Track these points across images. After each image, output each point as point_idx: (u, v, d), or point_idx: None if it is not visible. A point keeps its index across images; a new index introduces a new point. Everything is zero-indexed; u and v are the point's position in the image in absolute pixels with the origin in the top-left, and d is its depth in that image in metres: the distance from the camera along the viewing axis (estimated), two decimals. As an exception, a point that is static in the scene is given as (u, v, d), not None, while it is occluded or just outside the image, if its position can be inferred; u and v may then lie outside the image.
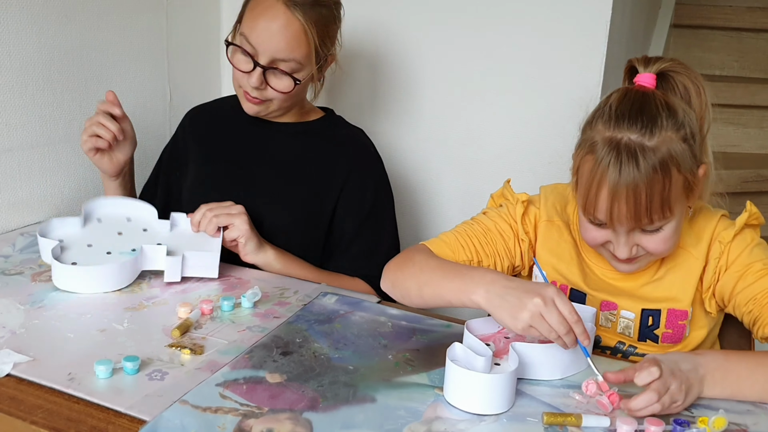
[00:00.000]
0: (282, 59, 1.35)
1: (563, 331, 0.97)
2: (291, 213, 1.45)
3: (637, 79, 1.11)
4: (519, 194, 1.26)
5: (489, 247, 1.23)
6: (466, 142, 1.85)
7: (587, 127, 1.11)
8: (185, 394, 0.93)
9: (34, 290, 1.22)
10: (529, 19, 1.72)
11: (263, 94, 1.40)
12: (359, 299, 1.26)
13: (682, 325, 1.16)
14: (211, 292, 1.26)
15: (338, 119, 1.58)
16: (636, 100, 1.06)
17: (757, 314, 1.09)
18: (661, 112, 1.05)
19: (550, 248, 1.24)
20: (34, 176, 1.55)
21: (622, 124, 1.04)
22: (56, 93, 1.57)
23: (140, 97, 1.79)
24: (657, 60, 1.12)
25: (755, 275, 1.11)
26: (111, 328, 1.11)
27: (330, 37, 1.41)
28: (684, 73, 1.11)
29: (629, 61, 1.15)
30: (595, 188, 1.06)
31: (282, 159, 1.49)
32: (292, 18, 1.33)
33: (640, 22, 2.24)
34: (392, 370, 1.03)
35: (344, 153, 1.50)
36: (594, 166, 1.06)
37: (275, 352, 1.06)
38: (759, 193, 2.38)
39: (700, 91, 1.11)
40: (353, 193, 1.47)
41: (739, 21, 2.68)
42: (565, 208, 1.26)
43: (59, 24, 1.54)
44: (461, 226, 1.26)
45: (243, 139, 1.52)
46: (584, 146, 1.09)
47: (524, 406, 0.96)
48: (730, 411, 0.96)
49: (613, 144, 1.04)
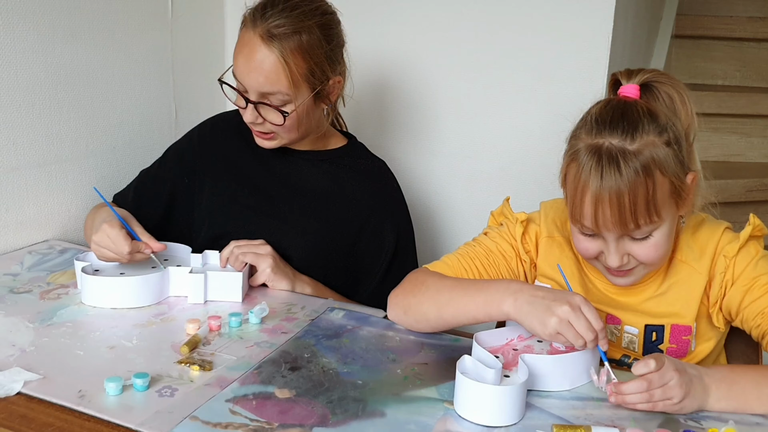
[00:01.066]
0: (268, 93, 1.33)
1: (590, 337, 1.00)
2: (307, 242, 1.43)
3: (621, 91, 1.12)
4: (518, 213, 1.27)
5: (492, 268, 1.24)
6: (471, 155, 1.86)
7: (572, 138, 1.11)
8: (195, 410, 0.93)
9: (43, 308, 1.22)
10: (531, 33, 1.73)
11: (265, 127, 1.38)
12: (366, 314, 1.27)
13: (686, 341, 1.16)
14: (219, 308, 1.26)
15: (360, 148, 1.56)
16: (617, 108, 1.07)
17: (765, 328, 1.09)
18: (642, 117, 1.05)
19: (551, 264, 1.24)
20: (42, 195, 1.56)
21: (604, 131, 1.05)
22: (63, 111, 1.58)
23: (146, 114, 1.80)
24: (639, 71, 1.13)
25: (762, 289, 1.10)
26: (120, 345, 1.11)
27: (321, 61, 1.35)
28: (668, 83, 1.12)
29: (613, 74, 1.16)
30: (579, 195, 1.06)
31: (302, 187, 1.47)
32: (267, 52, 1.30)
33: (641, 34, 2.25)
34: (401, 385, 1.03)
35: (365, 189, 1.48)
36: (577, 173, 1.06)
37: (284, 368, 1.06)
38: (764, 202, 2.38)
39: (685, 100, 1.12)
40: (373, 234, 1.46)
41: (740, 31, 2.69)
42: (565, 223, 1.25)
43: (65, 43, 1.56)
44: (463, 247, 1.27)
45: (265, 162, 1.49)
46: (568, 155, 1.10)
47: (534, 418, 0.97)
48: (740, 423, 0.96)
49: (595, 150, 1.05)
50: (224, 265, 1.35)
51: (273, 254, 1.36)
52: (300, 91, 1.34)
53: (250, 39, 1.31)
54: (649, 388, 0.95)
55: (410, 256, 1.52)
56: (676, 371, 0.96)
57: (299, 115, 1.37)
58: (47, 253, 1.49)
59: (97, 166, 1.67)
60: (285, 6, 1.32)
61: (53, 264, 1.43)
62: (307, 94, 1.36)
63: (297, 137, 1.42)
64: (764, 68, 2.73)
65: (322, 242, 1.44)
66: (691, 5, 2.77)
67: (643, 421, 0.96)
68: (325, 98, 1.41)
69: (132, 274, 1.28)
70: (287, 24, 1.30)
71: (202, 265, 1.36)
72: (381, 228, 1.47)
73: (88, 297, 1.25)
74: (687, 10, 2.74)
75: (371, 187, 1.49)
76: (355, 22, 1.55)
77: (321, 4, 1.38)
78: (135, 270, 1.31)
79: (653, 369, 0.94)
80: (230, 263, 1.34)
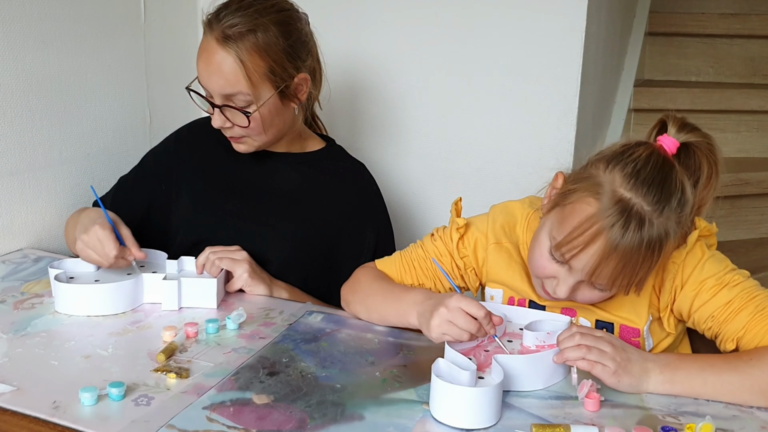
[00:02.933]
0: (230, 94, 1.33)
1: (473, 328, 1.05)
2: (285, 245, 1.43)
3: (661, 140, 1.08)
4: (459, 219, 1.27)
5: (429, 271, 1.28)
6: (448, 156, 1.86)
7: (599, 165, 1.06)
8: (172, 418, 0.93)
9: (16, 318, 1.21)
10: (505, 32, 1.73)
11: (234, 131, 1.38)
12: (345, 317, 1.26)
13: (636, 342, 1.16)
14: (196, 314, 1.25)
15: (339, 150, 1.55)
16: (662, 169, 1.03)
17: (716, 330, 1.11)
18: (676, 193, 1.03)
19: (501, 269, 1.25)
20: (15, 203, 1.54)
21: (641, 189, 1.01)
22: (35, 119, 1.56)
23: (120, 121, 1.78)
24: (692, 130, 1.09)
25: (709, 292, 1.11)
26: (96, 354, 1.10)
27: (280, 59, 1.34)
28: (706, 156, 1.09)
29: (666, 114, 1.12)
30: (586, 238, 1.02)
31: (280, 190, 1.47)
32: (224, 54, 1.30)
33: (615, 32, 2.27)
34: (380, 387, 1.03)
35: (344, 191, 1.47)
36: (594, 216, 1.02)
37: (261, 373, 1.05)
38: (739, 196, 2.40)
39: (711, 178, 1.09)
40: (353, 237, 1.45)
41: (712, 28, 2.71)
42: (514, 228, 1.26)
43: (36, 50, 1.54)
44: (409, 248, 1.32)
45: (242, 165, 1.49)
46: (589, 185, 1.05)
47: (513, 418, 0.97)
48: (717, 417, 0.97)
49: (626, 206, 1.01)
50: (200, 271, 1.34)
51: (249, 260, 1.35)
52: (261, 90, 1.34)
53: (208, 43, 1.33)
54: (582, 342, 1.02)
55: None
56: (611, 344, 1.03)
57: (264, 116, 1.36)
58: (21, 262, 1.47)
59: (71, 174, 1.65)
60: (239, 6, 1.33)
61: (27, 273, 1.41)
62: (270, 93, 1.35)
63: (269, 139, 1.42)
64: (737, 64, 2.76)
65: (302, 245, 1.44)
66: (663, 2, 2.79)
67: (622, 419, 0.97)
68: (292, 97, 1.40)
69: (107, 281, 1.27)
70: (241, 23, 1.30)
71: (178, 272, 1.35)
72: (361, 230, 1.46)
73: (61, 305, 1.23)
74: (660, 7, 2.76)
75: (351, 188, 1.48)
76: (328, 24, 1.55)
77: (277, 1, 1.37)
78: (111, 277, 1.30)
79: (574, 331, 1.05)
80: (206, 269, 1.33)
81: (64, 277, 1.28)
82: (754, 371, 1.02)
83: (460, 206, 1.29)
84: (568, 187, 1.09)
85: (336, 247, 1.46)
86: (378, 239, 1.48)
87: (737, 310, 1.09)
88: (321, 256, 1.45)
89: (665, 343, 1.19)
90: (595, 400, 0.99)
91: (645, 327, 1.16)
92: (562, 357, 1.04)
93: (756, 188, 2.39)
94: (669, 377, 1.03)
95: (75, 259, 1.34)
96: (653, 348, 1.19)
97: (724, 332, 1.10)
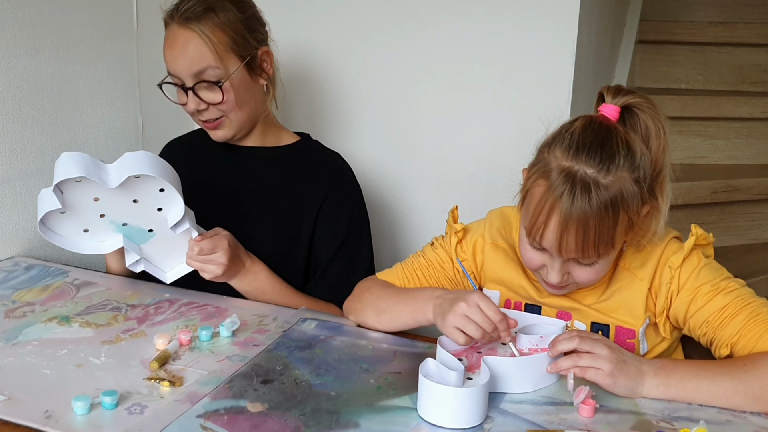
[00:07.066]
0: (199, 71, 1.37)
1: (488, 328, 1.06)
2: (267, 238, 1.45)
3: (602, 109, 1.11)
4: (457, 224, 1.29)
5: (432, 279, 1.30)
6: (440, 162, 1.86)
7: (545, 149, 1.11)
8: (166, 427, 0.92)
9: (8, 327, 1.20)
10: (497, 40, 1.74)
11: (210, 114, 1.41)
12: (339, 324, 1.26)
13: (630, 344, 1.18)
14: (189, 322, 1.25)
15: (314, 143, 1.58)
16: (598, 134, 1.07)
17: (711, 336, 1.12)
18: (620, 150, 1.06)
19: (498, 267, 1.27)
20: (6, 211, 1.53)
21: (581, 156, 1.05)
22: (27, 126, 1.55)
23: (112, 128, 1.78)
24: (627, 93, 1.12)
25: (704, 298, 1.12)
26: (88, 362, 1.09)
27: (240, 30, 1.39)
28: (648, 112, 1.11)
29: (602, 87, 1.15)
30: (544, 216, 1.06)
31: (257, 184, 1.49)
32: (188, 33, 1.36)
33: (606, 40, 2.28)
34: (375, 395, 1.03)
35: (319, 176, 1.49)
36: (546, 193, 1.07)
37: (256, 381, 1.05)
38: (729, 203, 2.42)
39: (660, 133, 1.12)
40: (329, 217, 1.47)
41: (701, 36, 2.74)
42: (511, 232, 1.28)
43: (28, 57, 1.53)
44: (410, 258, 1.34)
45: (219, 166, 1.52)
46: (539, 169, 1.10)
47: (507, 423, 0.97)
48: (711, 422, 0.97)
49: (569, 175, 1.05)
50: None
51: (229, 237, 1.33)
52: (228, 61, 1.38)
53: (171, 31, 1.39)
54: (580, 345, 1.04)
55: (364, 248, 1.51)
56: (608, 347, 1.04)
57: (236, 88, 1.40)
58: (12, 270, 1.46)
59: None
60: None
61: (19, 281, 1.40)
62: (237, 64, 1.39)
63: (244, 118, 1.44)
64: (726, 72, 2.78)
65: (282, 234, 1.46)
66: (653, 11, 2.81)
67: (617, 424, 0.97)
68: (259, 70, 1.44)
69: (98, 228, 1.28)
70: (198, 3, 1.37)
71: (176, 227, 1.27)
72: (336, 210, 1.47)
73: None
74: (650, 15, 2.78)
75: (325, 174, 1.50)
76: (321, 28, 1.55)
77: None
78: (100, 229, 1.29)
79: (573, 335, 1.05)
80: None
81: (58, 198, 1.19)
82: (748, 376, 1.03)
83: (457, 214, 1.31)
84: (527, 178, 1.13)
85: (314, 234, 1.47)
86: (351, 222, 1.48)
87: (732, 315, 1.10)
88: (302, 244, 1.47)
89: (660, 348, 1.20)
90: (590, 407, 0.99)
91: (641, 329, 1.17)
92: (556, 367, 1.06)
93: (746, 194, 2.41)
94: (663, 380, 1.04)
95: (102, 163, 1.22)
96: (647, 352, 1.20)
97: (719, 338, 1.11)
